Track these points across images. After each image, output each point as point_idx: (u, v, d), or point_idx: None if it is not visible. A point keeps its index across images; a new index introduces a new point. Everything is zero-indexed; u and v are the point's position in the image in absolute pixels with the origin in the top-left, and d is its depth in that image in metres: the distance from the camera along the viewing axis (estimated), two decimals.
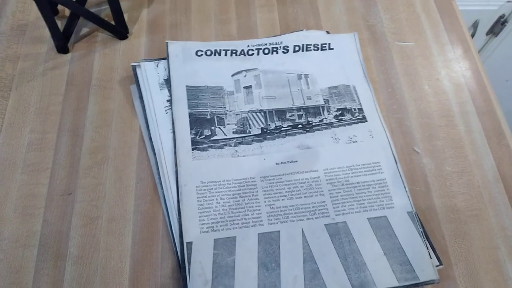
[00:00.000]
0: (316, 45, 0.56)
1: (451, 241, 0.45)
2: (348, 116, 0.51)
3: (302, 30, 0.57)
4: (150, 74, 0.51)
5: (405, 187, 0.47)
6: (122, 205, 0.45)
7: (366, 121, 0.51)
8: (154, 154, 0.47)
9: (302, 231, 0.45)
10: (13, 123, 0.48)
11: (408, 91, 0.55)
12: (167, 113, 0.49)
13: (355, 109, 0.52)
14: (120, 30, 0.53)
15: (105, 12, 0.56)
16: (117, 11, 0.51)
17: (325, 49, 0.56)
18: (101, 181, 0.46)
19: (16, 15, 0.55)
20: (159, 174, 0.46)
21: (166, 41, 0.53)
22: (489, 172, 0.50)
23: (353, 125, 0.51)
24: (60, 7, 0.56)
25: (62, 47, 0.52)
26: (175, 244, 0.43)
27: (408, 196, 0.47)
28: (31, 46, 0.53)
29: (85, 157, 0.47)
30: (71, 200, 0.44)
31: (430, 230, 0.46)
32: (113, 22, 0.53)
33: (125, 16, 0.56)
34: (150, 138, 0.48)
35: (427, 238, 0.45)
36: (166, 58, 0.52)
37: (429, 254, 0.44)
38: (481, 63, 0.58)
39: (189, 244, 0.43)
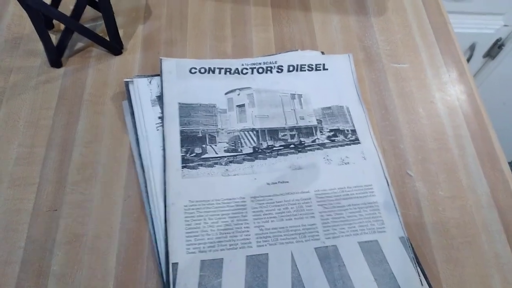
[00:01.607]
0: (310, 65, 0.55)
1: (443, 268, 0.45)
2: (340, 137, 0.51)
3: (297, 50, 0.57)
4: (143, 90, 0.51)
5: (397, 211, 0.47)
6: (108, 223, 0.44)
7: (359, 142, 0.51)
8: (143, 171, 0.46)
9: (292, 254, 0.44)
10: (2, 136, 0.48)
11: (402, 113, 0.54)
12: (158, 130, 0.49)
13: (348, 130, 0.51)
14: (114, 46, 0.53)
15: (100, 27, 0.56)
16: (112, 26, 0.51)
17: (320, 70, 0.55)
18: (88, 198, 0.45)
19: (11, 28, 0.55)
20: (147, 192, 0.45)
21: (160, 57, 0.53)
22: (483, 198, 0.49)
23: (346, 146, 0.50)
24: (56, 21, 0.56)
25: (55, 61, 0.52)
26: (160, 264, 0.42)
27: (400, 221, 0.46)
28: (24, 59, 0.53)
29: (73, 173, 0.46)
30: (57, 216, 0.44)
31: (422, 255, 0.45)
32: (108, 38, 0.53)
33: (120, 31, 0.56)
34: (140, 155, 0.47)
35: (419, 264, 0.44)
36: (159, 74, 0.52)
37: (421, 281, 0.43)
38: (475, 87, 0.57)
39: (175, 265, 0.42)
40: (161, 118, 0.50)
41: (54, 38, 0.53)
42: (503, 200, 0.49)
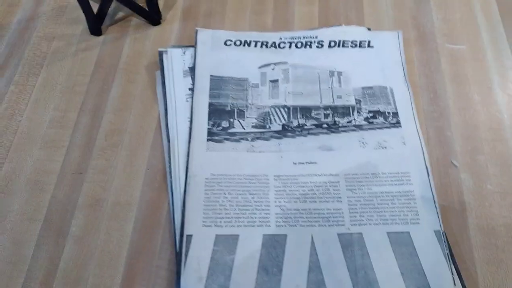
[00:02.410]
0: (354, 42, 0.52)
1: (482, 269, 0.40)
2: (380, 119, 0.47)
3: (341, 25, 0.53)
4: (176, 61, 0.50)
5: (435, 203, 0.42)
6: (129, 190, 0.44)
7: (400, 126, 0.46)
8: (169, 141, 0.46)
9: (312, 238, 0.41)
10: (39, 99, 0.49)
11: (453, 98, 0.49)
12: (187, 101, 0.48)
13: (389, 112, 0.47)
14: (152, 16, 0.53)
15: None
16: None
17: (364, 47, 0.51)
18: (113, 164, 0.45)
19: None
20: (170, 162, 0.45)
21: (196, 28, 0.52)
22: None
23: (385, 129, 0.46)
24: None
25: (95, 29, 0.52)
26: (175, 235, 0.41)
27: (438, 213, 0.42)
28: (67, 27, 0.54)
29: (101, 139, 0.47)
30: (81, 180, 0.44)
31: (459, 253, 0.41)
32: (146, 8, 0.53)
33: (161, 2, 0.56)
34: (167, 125, 0.47)
35: (454, 262, 0.39)
36: (194, 45, 0.51)
37: (453, 281, 0.38)
38: None
39: (189, 237, 0.40)
40: (192, 89, 0.48)
41: (96, 7, 0.54)
42: None
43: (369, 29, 0.53)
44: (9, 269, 0.40)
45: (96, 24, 0.52)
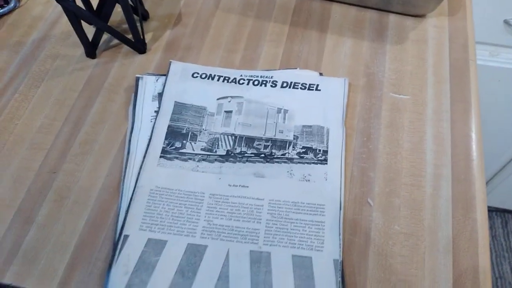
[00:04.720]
0: (304, 84, 0.58)
1: None
2: (310, 155, 0.53)
3: (296, 68, 0.60)
4: (149, 86, 0.59)
5: (339, 234, 0.48)
6: (88, 192, 0.52)
7: (326, 163, 0.52)
8: (128, 154, 0.54)
9: (228, 251, 0.48)
10: (35, 107, 0.59)
11: (384, 143, 0.54)
12: (151, 122, 0.56)
13: (319, 150, 0.53)
14: (137, 46, 0.62)
15: None
16: (134, 30, 0.59)
17: (312, 90, 0.58)
18: (80, 168, 0.54)
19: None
20: (125, 172, 0.53)
21: (170, 60, 0.60)
22: (442, 242, 0.48)
23: (312, 164, 0.53)
24: None
25: (90, 53, 0.62)
26: (116, 233, 0.49)
27: (340, 244, 0.47)
28: (70, 48, 0.65)
29: (76, 146, 0.56)
30: (53, 179, 0.53)
31: (353, 283, 0.46)
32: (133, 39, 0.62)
33: (150, 34, 0.65)
34: (130, 141, 0.55)
35: None
36: (166, 74, 0.60)
37: None
38: (479, 130, 0.55)
39: (126, 236, 0.49)
40: (157, 112, 0.57)
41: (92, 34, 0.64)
42: (464, 249, 0.47)
43: (321, 74, 0.59)
44: None
45: (90, 49, 0.62)
